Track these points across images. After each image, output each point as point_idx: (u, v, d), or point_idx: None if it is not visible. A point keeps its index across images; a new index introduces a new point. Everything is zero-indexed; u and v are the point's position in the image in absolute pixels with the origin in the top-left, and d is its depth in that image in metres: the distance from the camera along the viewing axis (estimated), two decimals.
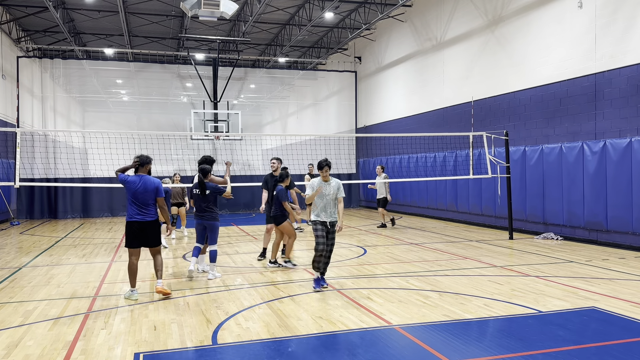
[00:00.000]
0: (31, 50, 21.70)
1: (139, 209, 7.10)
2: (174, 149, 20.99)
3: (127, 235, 7.16)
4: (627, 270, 8.81)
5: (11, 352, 5.14)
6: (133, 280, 7.24)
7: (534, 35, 13.49)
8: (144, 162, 7.25)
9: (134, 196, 7.06)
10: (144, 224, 7.14)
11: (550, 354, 4.92)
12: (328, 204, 7.52)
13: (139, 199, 7.07)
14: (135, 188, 7.06)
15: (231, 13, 14.77)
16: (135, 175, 7.17)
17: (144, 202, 7.11)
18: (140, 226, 7.11)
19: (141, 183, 7.10)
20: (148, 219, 7.15)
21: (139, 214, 7.11)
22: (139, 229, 7.11)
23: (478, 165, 15.03)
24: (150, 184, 7.14)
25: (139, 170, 7.22)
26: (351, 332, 5.67)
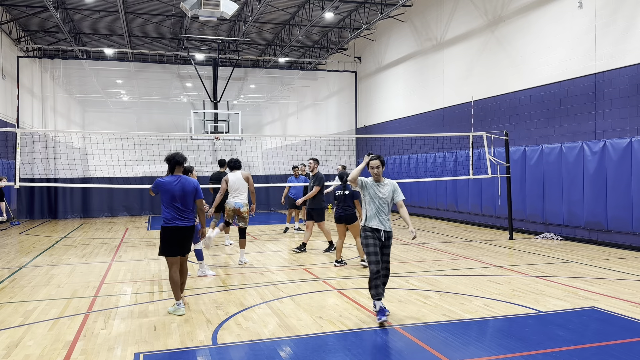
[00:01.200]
0: (31, 50, 21.70)
1: (178, 213, 6.44)
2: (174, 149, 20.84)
3: (165, 241, 6.46)
4: (627, 270, 8.81)
5: (11, 352, 5.14)
6: (177, 292, 6.49)
7: (534, 35, 13.49)
8: (179, 162, 6.60)
9: (172, 198, 6.41)
10: (184, 230, 6.50)
11: (550, 354, 4.91)
12: (381, 209, 6.12)
13: (178, 201, 6.43)
14: (173, 189, 6.42)
15: (231, 13, 14.77)
16: (171, 176, 6.56)
17: (184, 204, 6.47)
18: (180, 232, 6.47)
19: (179, 183, 6.48)
20: (188, 224, 6.52)
21: (178, 219, 6.44)
22: (179, 235, 6.46)
23: (478, 165, 15.03)
24: (189, 184, 6.53)
25: (176, 170, 6.59)
26: (351, 332, 5.67)
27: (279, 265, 9.79)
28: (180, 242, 6.51)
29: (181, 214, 6.45)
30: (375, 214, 6.08)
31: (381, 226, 6.06)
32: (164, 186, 6.43)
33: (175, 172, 6.57)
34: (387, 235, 6.11)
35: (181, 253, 6.57)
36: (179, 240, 6.49)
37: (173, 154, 6.61)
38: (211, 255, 11.04)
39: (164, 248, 6.49)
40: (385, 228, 6.09)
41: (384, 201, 6.11)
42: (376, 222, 6.07)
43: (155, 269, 9.45)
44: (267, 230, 15.37)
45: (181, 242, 6.51)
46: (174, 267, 6.50)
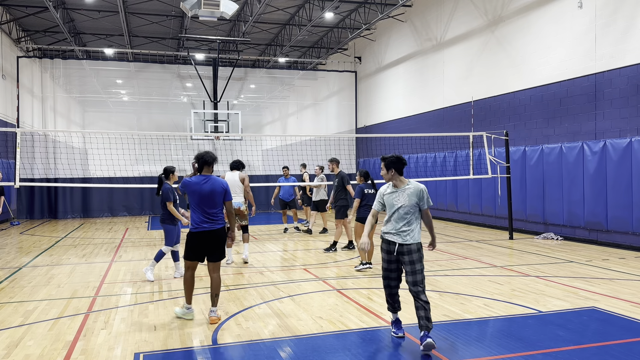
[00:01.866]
0: (31, 50, 21.70)
1: (206, 216, 6.02)
2: (174, 149, 20.99)
3: (189, 246, 6.10)
4: (627, 270, 8.81)
5: (11, 352, 5.14)
6: (189, 296, 6.20)
7: (534, 36, 13.49)
8: (207, 161, 6.17)
9: (200, 199, 6.00)
10: (213, 234, 6.06)
11: (550, 354, 4.91)
12: (400, 219, 5.25)
13: (206, 202, 6.02)
14: (201, 189, 6.01)
15: (231, 13, 14.77)
16: (199, 176, 6.15)
17: (212, 206, 6.05)
18: (208, 236, 6.03)
19: (208, 184, 6.06)
20: (217, 226, 6.08)
21: (206, 222, 6.02)
22: (206, 239, 6.04)
23: (478, 165, 15.03)
24: (218, 184, 6.10)
25: (204, 170, 6.17)
26: (351, 332, 5.67)
27: (279, 265, 9.79)
28: (209, 247, 6.07)
29: (209, 216, 6.04)
30: (393, 224, 5.28)
31: (396, 238, 5.22)
32: (191, 187, 6.04)
33: (204, 172, 6.16)
34: (403, 250, 5.18)
35: (211, 259, 6.12)
36: (207, 245, 6.06)
37: (202, 152, 6.21)
38: None
39: (187, 251, 6.12)
40: (403, 241, 5.18)
41: (403, 210, 5.20)
42: (392, 234, 5.28)
43: (155, 269, 9.45)
44: (267, 230, 15.37)
45: (210, 246, 6.07)
46: (190, 270, 6.16)
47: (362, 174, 9.47)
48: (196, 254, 6.10)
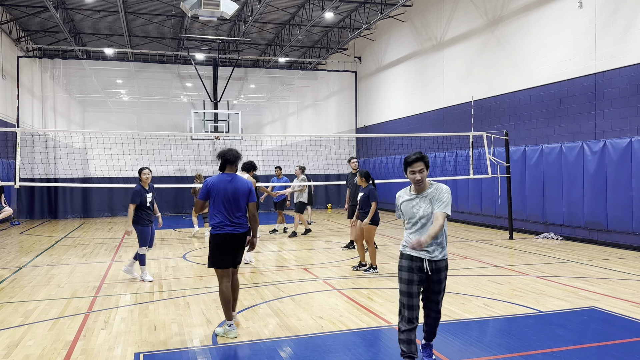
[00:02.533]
0: (31, 50, 21.70)
1: (229, 218, 5.54)
2: (174, 149, 21.00)
3: (215, 251, 5.57)
4: (627, 270, 8.81)
5: (11, 352, 5.14)
6: (229, 311, 5.59)
7: (534, 35, 13.49)
8: (230, 160, 5.70)
9: (223, 200, 5.53)
10: (238, 238, 5.60)
11: (550, 354, 4.91)
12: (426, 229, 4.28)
13: (229, 203, 5.54)
14: (224, 189, 5.54)
15: (231, 13, 14.77)
16: (221, 175, 5.69)
17: (235, 208, 5.58)
18: (232, 240, 5.58)
19: (231, 183, 5.59)
20: (241, 230, 5.61)
21: (230, 225, 5.54)
22: (231, 243, 5.57)
23: (478, 165, 15.03)
24: (242, 185, 5.63)
25: (227, 168, 5.69)
26: (351, 332, 5.67)
27: (279, 265, 9.79)
28: (234, 251, 5.63)
29: (233, 218, 5.55)
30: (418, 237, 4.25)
31: (423, 254, 4.29)
32: (214, 186, 5.56)
33: (227, 170, 5.68)
34: (436, 266, 4.32)
35: (233, 264, 5.70)
36: (233, 249, 5.60)
37: (225, 150, 5.73)
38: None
39: (214, 258, 5.58)
40: (431, 257, 4.29)
41: (426, 220, 4.28)
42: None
43: (155, 269, 9.45)
44: (267, 230, 15.37)
45: (235, 251, 5.64)
46: (226, 280, 5.60)
47: (364, 175, 9.06)
48: (226, 260, 5.58)
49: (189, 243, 12.97)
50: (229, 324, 5.60)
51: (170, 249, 12.03)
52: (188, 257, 10.74)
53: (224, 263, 5.57)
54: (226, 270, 5.61)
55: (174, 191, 20.89)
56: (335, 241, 12.95)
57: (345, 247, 11.51)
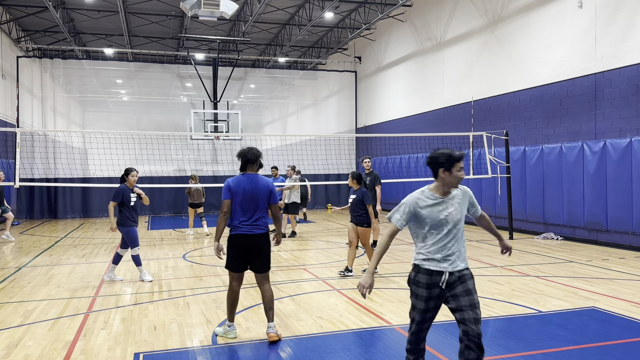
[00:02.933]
0: (31, 50, 21.70)
1: (246, 219, 5.37)
2: (174, 149, 21.00)
3: (230, 252, 5.44)
4: (627, 270, 8.81)
5: (11, 352, 5.14)
6: (232, 313, 5.54)
7: (534, 35, 13.49)
8: (250, 159, 5.49)
9: (242, 200, 5.36)
10: (253, 239, 5.39)
11: (550, 354, 4.91)
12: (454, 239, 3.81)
13: (248, 204, 5.37)
14: (244, 189, 5.37)
15: (231, 13, 14.78)
16: (242, 175, 5.51)
17: (254, 208, 5.39)
18: (247, 241, 5.37)
19: (252, 183, 5.43)
20: (257, 231, 5.39)
21: (245, 225, 5.37)
22: (245, 245, 5.38)
23: (478, 165, 15.03)
24: (262, 184, 5.47)
25: (247, 168, 5.50)
26: (351, 332, 5.67)
27: (279, 265, 9.78)
28: (251, 254, 5.40)
29: (250, 219, 5.38)
30: (437, 247, 3.73)
31: (445, 266, 3.70)
32: (234, 186, 5.37)
33: (248, 170, 5.50)
34: (454, 279, 3.69)
35: (255, 269, 5.46)
36: (248, 252, 5.39)
37: (246, 149, 5.53)
38: (210, 255, 11.04)
39: (228, 259, 5.46)
40: (453, 268, 3.70)
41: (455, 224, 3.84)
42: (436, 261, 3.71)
43: (155, 269, 9.45)
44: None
45: (252, 253, 5.40)
46: (235, 282, 5.46)
47: (355, 177, 8.50)
48: (237, 263, 5.39)
49: (188, 243, 12.97)
50: (229, 324, 5.54)
51: (170, 249, 12.03)
52: (188, 257, 10.74)
53: (236, 265, 5.42)
54: (236, 273, 5.44)
55: (174, 191, 20.89)
56: (334, 241, 12.95)
57: None
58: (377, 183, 10.78)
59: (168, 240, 13.48)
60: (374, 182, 10.76)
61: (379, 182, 10.84)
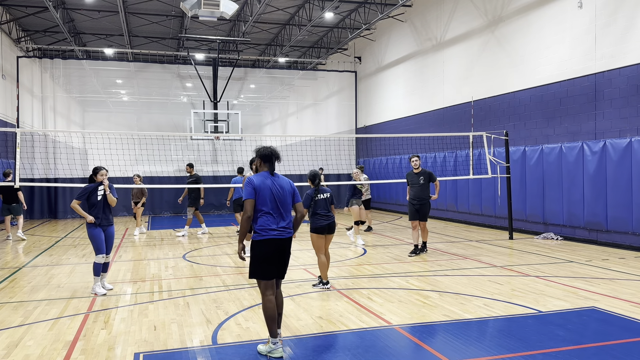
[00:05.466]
0: (31, 50, 21.70)
1: (276, 221, 4.97)
2: (174, 149, 21.01)
3: (259, 259, 4.94)
4: (627, 270, 8.81)
5: (11, 352, 5.14)
6: (273, 328, 4.96)
7: (534, 35, 13.49)
8: (269, 157, 5.12)
9: (270, 200, 4.96)
10: (285, 243, 5.04)
11: (550, 354, 4.91)
12: None
13: (277, 203, 5.00)
14: (270, 188, 4.97)
15: (231, 13, 14.77)
16: (262, 173, 5.10)
17: (284, 209, 5.04)
18: (279, 246, 4.98)
19: (276, 181, 5.06)
20: (287, 235, 5.04)
21: (276, 228, 4.96)
22: (278, 249, 4.98)
23: (478, 165, 15.03)
24: (287, 183, 5.14)
25: (261, 167, 5.14)
26: (351, 332, 5.67)
27: None
28: (280, 260, 5.04)
29: (280, 221, 5.00)
30: None
31: None
32: (259, 185, 4.96)
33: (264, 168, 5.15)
34: None
35: (279, 274, 5.11)
36: (280, 257, 5.02)
37: (268, 148, 5.16)
38: (210, 255, 11.05)
39: (257, 267, 4.96)
40: None
41: None
42: None
43: (155, 269, 9.45)
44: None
45: (281, 259, 5.05)
46: (269, 292, 4.98)
47: (310, 177, 7.69)
48: (270, 270, 4.98)
49: (188, 243, 12.97)
50: (273, 342, 4.95)
51: (170, 249, 12.03)
52: (188, 257, 10.74)
53: (269, 273, 4.96)
54: (271, 281, 5.00)
55: (173, 191, 20.89)
56: (334, 241, 12.95)
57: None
58: (432, 179, 10.56)
59: (168, 240, 13.48)
60: (429, 179, 10.52)
61: (435, 178, 10.61)
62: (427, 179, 10.49)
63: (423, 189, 10.46)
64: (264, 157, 5.11)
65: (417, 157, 10.61)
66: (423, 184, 10.45)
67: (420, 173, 10.55)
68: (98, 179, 7.65)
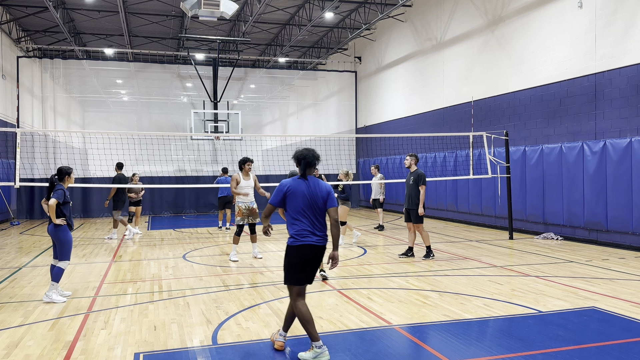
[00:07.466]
0: (31, 50, 21.70)
1: (312, 226, 4.90)
2: (174, 149, 21.01)
3: (295, 265, 4.88)
4: (627, 270, 8.81)
5: (11, 352, 5.14)
6: (314, 331, 4.83)
7: (534, 35, 13.49)
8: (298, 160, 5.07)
9: (305, 205, 4.89)
10: (320, 250, 4.96)
11: (550, 354, 4.91)
12: None
13: (312, 209, 4.91)
14: (304, 192, 4.91)
15: (231, 13, 14.78)
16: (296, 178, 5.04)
17: (319, 214, 4.96)
18: (314, 252, 4.90)
19: (312, 186, 4.97)
20: (323, 242, 4.96)
21: (313, 234, 4.89)
22: (312, 256, 4.90)
23: (478, 165, 15.03)
24: (322, 187, 5.02)
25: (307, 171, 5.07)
26: (351, 332, 5.67)
27: (279, 265, 9.78)
28: (313, 267, 4.96)
29: (316, 227, 4.92)
30: None
31: None
32: (292, 189, 4.90)
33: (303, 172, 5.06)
34: None
35: (309, 280, 5.02)
36: (312, 264, 4.93)
37: (301, 150, 5.10)
38: (210, 255, 11.05)
39: (293, 273, 4.89)
40: None
41: None
42: None
43: (155, 269, 9.45)
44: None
45: (313, 266, 4.96)
46: (301, 297, 4.93)
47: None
48: (303, 275, 4.90)
49: (188, 243, 12.97)
50: (317, 346, 4.78)
51: (170, 249, 12.03)
52: (188, 257, 10.74)
53: (302, 279, 4.91)
54: (302, 287, 4.95)
55: (173, 191, 20.91)
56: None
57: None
58: (419, 182, 9.98)
59: (168, 240, 13.48)
60: (417, 181, 10.01)
61: (423, 182, 9.98)
62: (416, 181, 10.03)
63: (411, 190, 10.07)
64: (295, 160, 5.07)
65: (409, 156, 10.26)
66: (412, 185, 10.07)
67: (413, 173, 10.18)
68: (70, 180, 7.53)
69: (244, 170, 10.32)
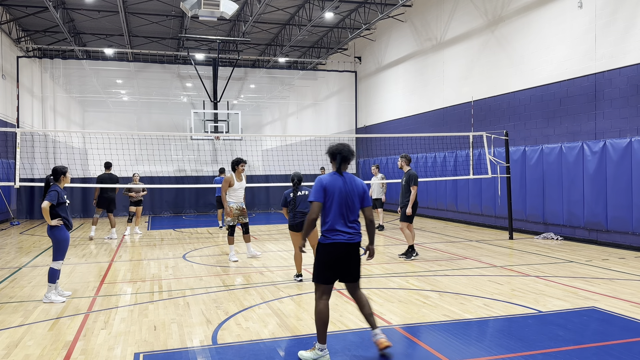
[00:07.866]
0: (31, 50, 21.70)
1: (345, 224, 4.80)
2: (174, 149, 21.00)
3: (325, 263, 4.81)
4: (627, 270, 8.81)
5: (11, 352, 5.14)
6: (324, 333, 4.75)
7: (534, 35, 13.49)
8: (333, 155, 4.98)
9: (340, 203, 4.79)
10: (352, 248, 4.86)
11: (550, 354, 4.91)
12: None
13: (347, 206, 4.82)
14: (340, 189, 4.81)
15: (231, 13, 14.78)
16: (334, 173, 4.96)
17: (352, 212, 4.84)
18: (347, 250, 4.81)
19: (347, 182, 4.87)
20: (358, 239, 4.87)
21: (346, 232, 4.79)
22: (344, 254, 4.81)
23: (478, 165, 15.03)
24: (358, 185, 4.93)
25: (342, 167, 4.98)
26: (351, 332, 5.67)
27: (279, 265, 9.79)
28: (347, 265, 4.85)
29: (349, 225, 4.81)
30: None
31: None
32: (329, 186, 4.79)
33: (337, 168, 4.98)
34: None
35: (351, 279, 4.94)
36: (345, 261, 4.83)
37: (336, 145, 4.99)
38: (210, 255, 11.05)
39: (322, 272, 4.81)
40: None
41: None
42: None
43: (155, 269, 9.45)
44: (267, 230, 15.38)
45: (348, 264, 4.85)
46: (325, 297, 4.81)
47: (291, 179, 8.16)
48: (333, 273, 4.82)
49: (188, 243, 12.97)
50: (320, 348, 4.71)
51: (170, 249, 12.03)
52: (188, 257, 10.74)
53: (330, 277, 4.82)
54: (329, 286, 4.84)
55: (173, 191, 20.91)
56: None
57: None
58: (412, 183, 9.99)
59: (168, 240, 13.48)
60: (408, 181, 10.04)
61: (415, 182, 10.00)
62: (407, 181, 10.04)
63: (403, 190, 10.16)
64: (330, 155, 4.98)
65: (400, 157, 10.32)
66: (404, 186, 10.11)
67: (406, 173, 10.22)
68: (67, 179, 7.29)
69: (237, 172, 10.09)
